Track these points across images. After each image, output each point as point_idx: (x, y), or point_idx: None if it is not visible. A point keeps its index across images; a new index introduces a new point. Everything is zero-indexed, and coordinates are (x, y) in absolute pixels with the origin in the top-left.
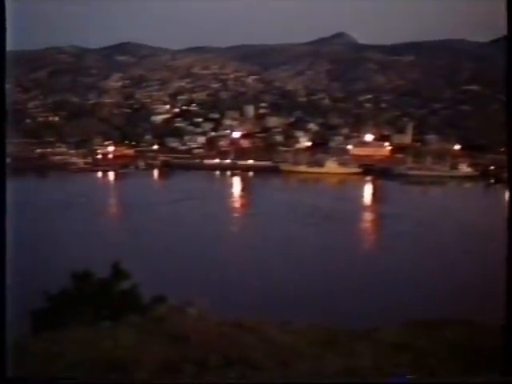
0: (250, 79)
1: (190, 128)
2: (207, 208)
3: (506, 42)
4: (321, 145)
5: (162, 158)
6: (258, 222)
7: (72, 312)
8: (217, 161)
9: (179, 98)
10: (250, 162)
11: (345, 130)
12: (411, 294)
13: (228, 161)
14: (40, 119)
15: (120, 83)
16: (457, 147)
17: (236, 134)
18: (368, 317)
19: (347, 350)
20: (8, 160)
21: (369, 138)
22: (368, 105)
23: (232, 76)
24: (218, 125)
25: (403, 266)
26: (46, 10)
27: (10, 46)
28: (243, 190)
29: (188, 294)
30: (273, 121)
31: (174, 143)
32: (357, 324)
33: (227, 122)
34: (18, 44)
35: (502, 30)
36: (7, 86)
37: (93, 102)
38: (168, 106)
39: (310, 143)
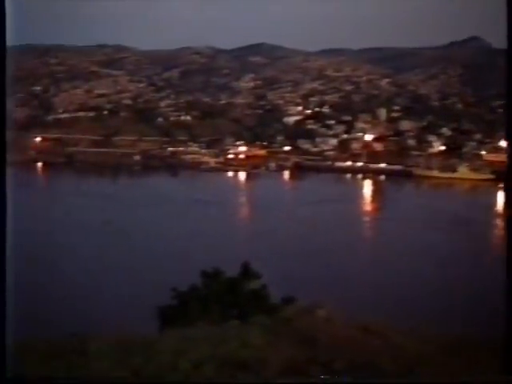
0: (383, 82)
1: (322, 130)
2: (339, 211)
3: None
4: (453, 150)
5: (293, 159)
6: (389, 226)
7: (200, 310)
8: (348, 163)
9: (311, 99)
10: (382, 165)
11: (478, 136)
12: None
13: (360, 164)
14: (172, 118)
15: (252, 84)
16: None
17: (368, 137)
18: (496, 324)
19: (473, 357)
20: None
21: (503, 144)
22: (501, 110)
23: (365, 78)
24: (350, 127)
25: None
26: (185, 12)
27: (146, 46)
28: (375, 193)
29: (318, 295)
30: (405, 124)
31: (305, 145)
32: (484, 331)
33: (360, 124)
34: (155, 44)
35: None
36: (140, 85)
37: (225, 102)
38: (300, 108)
39: (442, 148)
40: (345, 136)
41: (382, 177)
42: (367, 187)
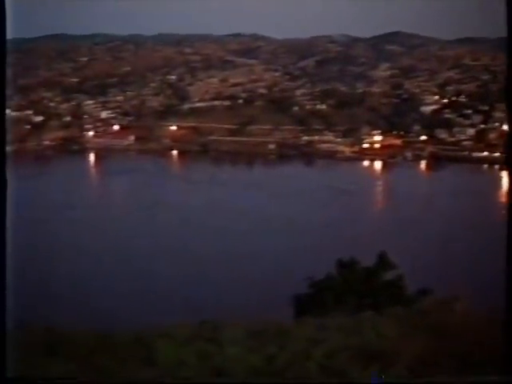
0: None
1: (459, 120)
2: (476, 201)
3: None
4: None
5: (429, 149)
6: None
7: (335, 299)
8: (485, 154)
9: (448, 88)
10: None
11: None
12: None
13: (497, 154)
14: (308, 107)
15: (388, 73)
16: None
17: (506, 127)
18: None
19: None
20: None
21: None
22: None
23: (502, 68)
24: (487, 117)
25: None
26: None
27: (282, 35)
28: None
29: (455, 287)
30: None
31: (442, 134)
32: None
33: (497, 114)
34: (291, 33)
35: None
36: (276, 74)
37: (361, 91)
38: (437, 97)
39: None
40: (482, 126)
41: None
42: (504, 178)
